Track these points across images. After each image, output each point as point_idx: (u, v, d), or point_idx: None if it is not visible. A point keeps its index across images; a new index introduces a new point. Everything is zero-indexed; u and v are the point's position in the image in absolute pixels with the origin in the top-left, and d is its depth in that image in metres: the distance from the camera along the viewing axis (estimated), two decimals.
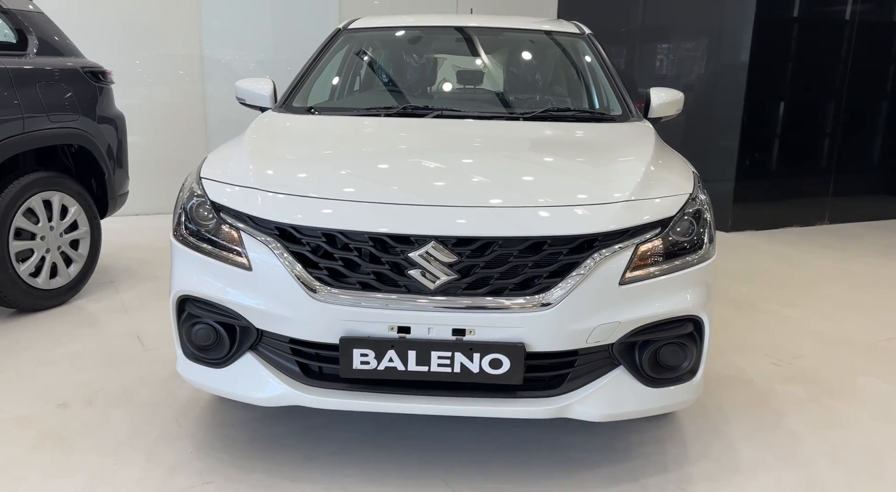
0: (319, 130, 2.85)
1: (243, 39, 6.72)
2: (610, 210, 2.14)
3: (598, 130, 2.93)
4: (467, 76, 3.63)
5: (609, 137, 2.81)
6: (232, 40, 6.68)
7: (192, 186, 2.38)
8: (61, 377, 3.03)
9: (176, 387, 2.94)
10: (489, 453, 2.49)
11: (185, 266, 2.29)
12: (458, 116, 2.95)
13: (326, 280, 2.10)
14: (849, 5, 6.77)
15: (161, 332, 3.57)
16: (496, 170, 2.43)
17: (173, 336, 2.37)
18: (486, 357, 2.07)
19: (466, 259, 2.06)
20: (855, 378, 3.24)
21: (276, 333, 2.18)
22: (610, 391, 2.17)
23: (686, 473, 2.40)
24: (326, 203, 2.15)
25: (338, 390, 2.17)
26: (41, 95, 3.70)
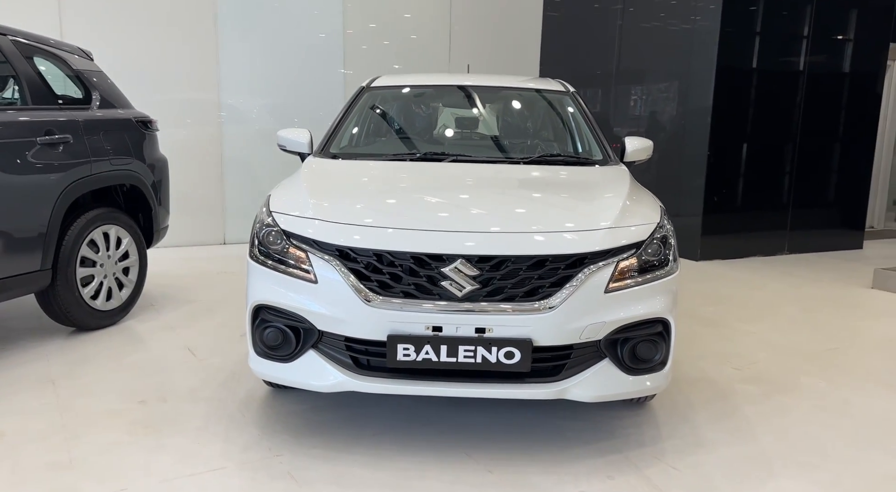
0: (358, 172, 3.47)
1: (257, 86, 7.36)
2: (596, 235, 2.77)
3: (583, 172, 3.58)
4: (472, 127, 4.29)
5: (593, 178, 3.47)
6: (247, 87, 7.32)
7: (263, 218, 2.98)
8: (133, 381, 3.57)
9: (234, 387, 3.50)
10: (499, 432, 3.06)
11: (261, 281, 2.87)
12: (469, 161, 3.60)
13: (376, 290, 2.70)
14: (802, 57, 7.58)
15: (209, 345, 4.12)
16: (506, 203, 3.06)
17: (247, 338, 2.95)
18: (501, 350, 2.66)
19: (486, 273, 2.66)
20: (799, 379, 3.87)
21: (334, 333, 2.76)
22: (598, 378, 2.77)
23: (660, 447, 3.00)
24: (377, 230, 2.77)
25: (384, 377, 2.75)
26: (104, 142, 4.29)
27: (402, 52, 7.95)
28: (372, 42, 7.81)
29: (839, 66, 7.91)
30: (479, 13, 8.26)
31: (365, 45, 7.76)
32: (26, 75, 3.96)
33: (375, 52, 7.83)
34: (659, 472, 2.79)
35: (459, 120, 4.31)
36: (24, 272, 3.80)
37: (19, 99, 3.96)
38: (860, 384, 3.81)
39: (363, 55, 7.77)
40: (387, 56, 7.89)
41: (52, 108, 4.06)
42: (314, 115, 7.64)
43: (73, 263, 4.09)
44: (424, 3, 8.05)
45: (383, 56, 7.88)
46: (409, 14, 7.96)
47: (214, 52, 7.08)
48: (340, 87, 7.69)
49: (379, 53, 7.86)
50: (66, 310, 4.09)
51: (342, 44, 7.63)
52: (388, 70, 7.81)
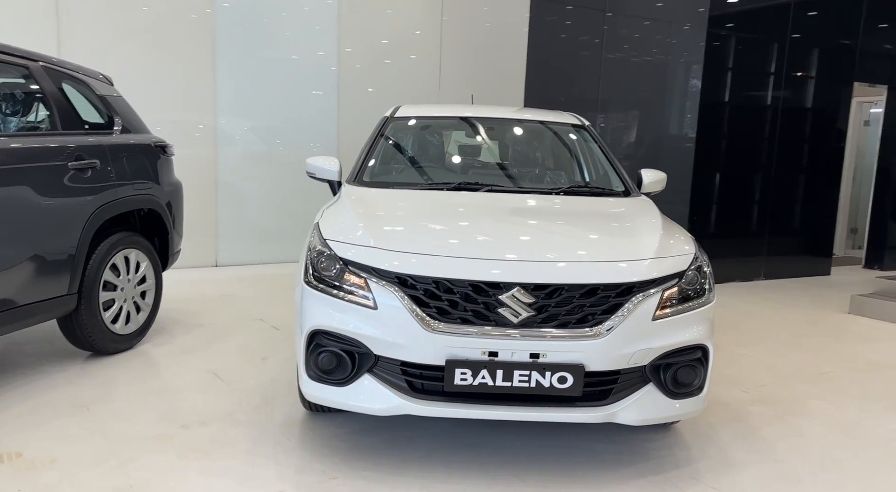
0: (401, 200, 3.57)
1: (253, 108, 7.41)
2: (643, 264, 2.93)
3: (614, 203, 3.76)
4: (498, 158, 4.44)
5: (625, 209, 3.64)
6: (243, 109, 7.36)
7: (317, 246, 3.06)
8: (168, 405, 3.59)
9: (270, 411, 3.54)
10: (542, 456, 3.18)
11: (317, 306, 2.95)
12: (503, 191, 3.74)
13: (435, 316, 2.80)
14: (776, 93, 7.97)
15: (233, 369, 4.15)
16: (553, 233, 3.22)
17: (299, 362, 3.02)
18: (555, 375, 2.78)
19: (541, 300, 2.80)
20: (807, 401, 4.07)
21: (390, 358, 2.85)
22: (644, 402, 2.91)
23: (695, 468, 3.15)
24: (436, 258, 2.88)
25: (441, 401, 2.85)
26: (127, 167, 4.31)
27: (394, 76, 8.08)
28: (366, 65, 7.93)
29: (808, 101, 8.33)
30: (467, 40, 8.45)
31: (359, 65, 7.87)
32: (56, 100, 3.97)
33: (370, 76, 7.95)
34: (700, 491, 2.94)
35: (485, 151, 4.46)
36: (52, 297, 3.80)
37: (49, 124, 3.97)
38: (863, 406, 4.04)
39: (357, 78, 7.87)
40: (380, 80, 8.02)
41: (81, 133, 4.08)
42: (309, 137, 7.72)
43: (97, 287, 4.09)
44: (415, 29, 8.21)
45: (377, 80, 8.00)
46: (401, 39, 8.11)
47: (211, 71, 7.12)
48: (334, 109, 7.76)
49: (371, 76, 7.97)
50: (89, 334, 4.08)
51: (337, 66, 7.73)
52: (382, 95, 7.94)
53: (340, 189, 3.83)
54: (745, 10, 7.85)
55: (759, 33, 7.90)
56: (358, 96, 7.90)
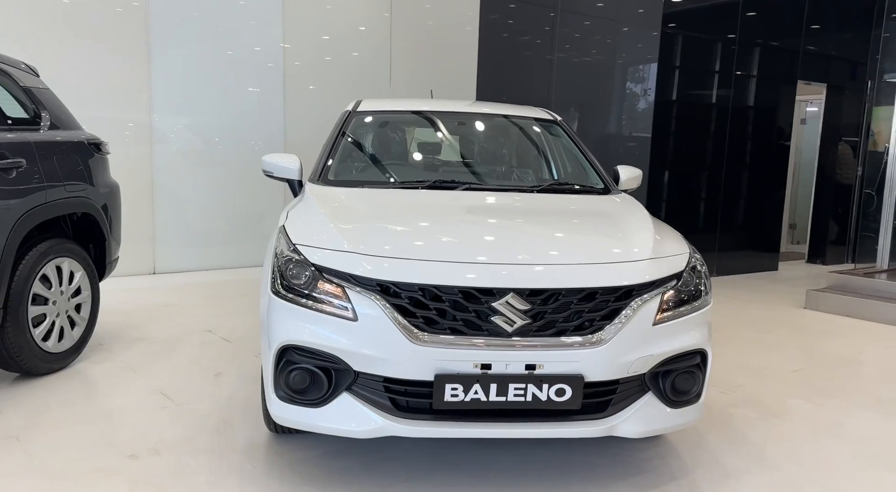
0: (375, 201, 3.28)
1: (191, 105, 6.98)
2: (641, 266, 2.73)
3: (598, 201, 3.56)
4: (470, 154, 4.19)
5: (611, 208, 3.44)
6: (180, 105, 6.92)
7: (285, 252, 2.75)
8: (113, 432, 3.21)
9: (230, 435, 3.21)
10: (533, 472, 2.95)
11: (287, 319, 2.64)
12: (481, 189, 3.50)
13: (422, 327, 2.54)
14: (727, 92, 8.00)
15: (183, 388, 3.78)
16: (543, 234, 2.99)
17: (267, 382, 2.70)
18: (552, 387, 2.56)
19: (537, 307, 2.56)
20: (785, 401, 3.98)
21: (371, 374, 2.57)
22: (644, 412, 2.71)
23: (691, 479, 2.97)
24: (422, 263, 2.61)
25: (429, 420, 2.59)
26: (57, 166, 3.89)
27: (344, 72, 7.76)
28: (311, 60, 7.59)
29: (757, 100, 8.40)
30: (417, 37, 8.20)
31: (303, 62, 7.52)
32: None
33: (315, 71, 7.61)
34: None
35: (456, 147, 4.21)
36: None
37: None
38: (841, 404, 3.96)
39: (302, 73, 7.53)
40: (327, 75, 7.69)
41: (3, 129, 3.65)
42: (251, 136, 7.33)
43: (26, 300, 3.67)
44: (360, 25, 7.91)
45: (325, 76, 7.67)
46: (348, 35, 7.80)
47: (145, 66, 6.66)
48: (279, 106, 7.40)
49: (319, 72, 7.64)
50: (17, 354, 3.65)
51: (282, 61, 7.37)
52: (332, 91, 7.61)
53: (303, 189, 3.52)
54: (696, 8, 7.84)
55: (710, 33, 7.91)
56: (306, 93, 7.57)
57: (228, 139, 7.25)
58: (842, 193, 9.63)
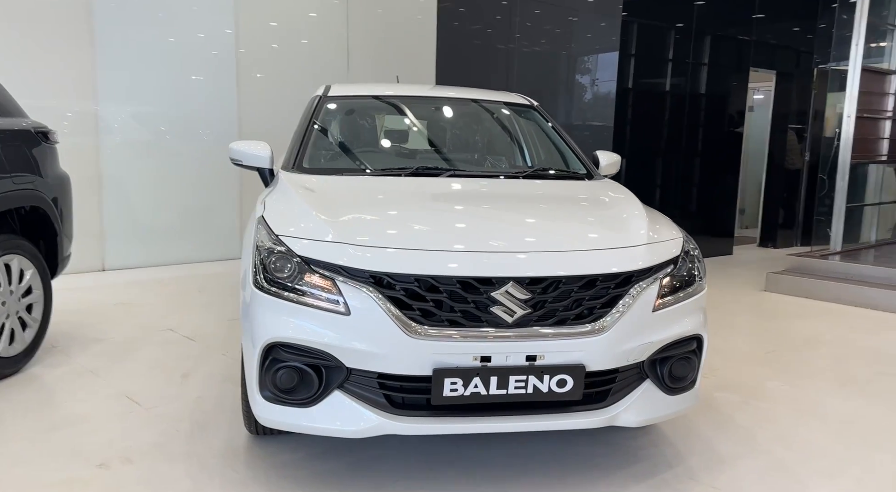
0: (357, 189, 3.12)
1: (140, 94, 6.65)
2: (639, 251, 2.66)
3: (586, 187, 3.48)
4: (448, 139, 4.06)
5: (600, 193, 3.36)
6: (128, 95, 6.59)
7: (267, 244, 2.58)
8: (77, 440, 2.99)
9: (205, 439, 3.03)
10: (530, 465, 2.87)
11: (273, 315, 2.48)
12: (466, 176, 3.38)
13: (419, 320, 2.41)
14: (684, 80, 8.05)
15: (148, 391, 3.57)
16: (540, 221, 2.90)
17: (251, 382, 2.54)
18: (554, 378, 2.47)
19: (538, 296, 2.47)
20: (764, 383, 3.99)
21: (365, 370, 2.44)
22: (643, 401, 2.65)
23: (687, 466, 2.93)
24: (417, 253, 2.48)
25: (428, 416, 2.47)
26: (3, 157, 3.62)
27: (300, 60, 7.52)
28: (265, 46, 7.34)
29: (713, 88, 8.49)
30: (374, 24, 8.01)
31: (254, 49, 7.26)
32: None
33: (267, 59, 7.36)
34: (704, 491, 2.72)
35: (435, 133, 4.07)
36: None
37: None
38: (817, 385, 3.99)
39: (254, 61, 7.27)
40: (281, 63, 7.44)
41: None
42: (203, 125, 7.05)
43: None
44: (311, 12, 7.68)
45: (277, 63, 7.42)
46: (304, 22, 7.56)
47: (89, 53, 6.31)
48: (232, 94, 7.13)
49: (271, 60, 7.39)
50: None
51: (234, 47, 7.09)
52: (287, 78, 7.38)
53: (277, 177, 3.34)
54: None
55: (668, 21, 7.94)
56: (259, 81, 7.31)
57: (178, 129, 6.94)
58: (791, 179, 9.83)
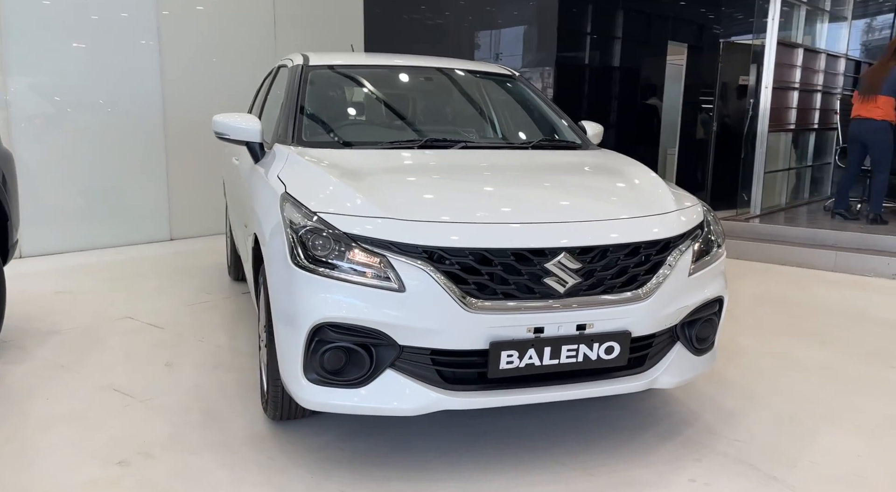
0: (379, 163, 3.01)
1: (53, 67, 6.12)
2: (673, 217, 2.73)
3: (595, 155, 3.52)
4: (445, 110, 3.97)
5: (611, 163, 3.40)
6: (40, 68, 6.05)
7: (302, 221, 2.46)
8: (82, 439, 2.78)
9: (224, 427, 2.89)
10: (561, 433, 2.90)
11: (322, 294, 2.38)
12: (479, 147, 3.35)
13: (474, 293, 2.38)
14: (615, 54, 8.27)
15: (136, 382, 3.36)
16: (573, 191, 2.91)
17: (293, 365, 2.43)
18: (602, 345, 2.50)
19: (587, 265, 2.48)
20: (738, 341, 4.20)
21: (418, 347, 2.39)
22: (677, 363, 2.73)
23: (705, 423, 3.06)
24: (470, 226, 2.44)
25: (482, 390, 2.45)
26: None
27: (223, 30, 7.14)
28: (190, 8, 6.91)
29: (635, 62, 8.77)
30: None
31: (183, 12, 6.83)
32: None
33: (196, 21, 6.94)
34: (727, 445, 2.84)
35: (430, 104, 3.97)
36: None
37: None
38: (782, 340, 4.24)
39: (181, 24, 6.83)
40: (210, 33, 7.05)
41: None
42: (126, 95, 6.55)
43: None
44: None
45: (203, 32, 7.03)
46: None
47: None
48: (155, 60, 6.67)
49: (199, 29, 6.98)
50: None
51: (155, 9, 6.63)
52: (216, 50, 7.01)
53: (276, 152, 3.18)
54: None
55: None
56: (187, 47, 6.88)
57: (95, 102, 6.38)
58: (701, 147, 10.32)
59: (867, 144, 7.06)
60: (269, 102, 4.15)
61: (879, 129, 6.88)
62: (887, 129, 6.85)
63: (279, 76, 4.20)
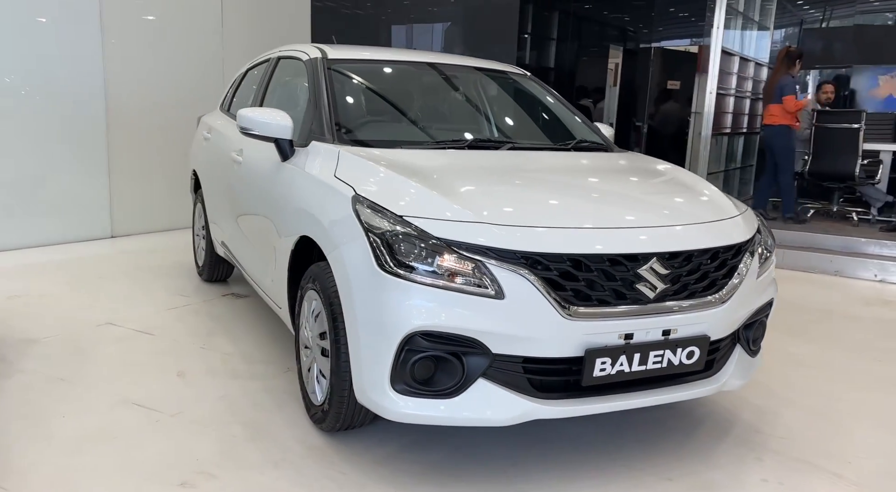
0: (440, 163, 2.90)
1: None
2: (740, 221, 2.78)
3: (637, 158, 3.55)
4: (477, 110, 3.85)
5: (656, 165, 3.42)
6: None
7: (386, 225, 2.34)
8: (126, 460, 2.54)
9: (276, 441, 2.72)
10: (626, 438, 2.90)
11: (414, 300, 2.27)
12: (525, 148, 3.30)
13: (572, 300, 2.34)
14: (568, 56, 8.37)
15: (153, 395, 3.11)
16: (650, 195, 2.91)
17: (381, 375, 2.32)
18: (685, 350, 2.51)
19: (674, 270, 2.48)
20: None
21: (511, 355, 2.32)
22: (739, 365, 2.78)
23: (746, 421, 3.13)
24: (568, 231, 2.39)
25: (575, 398, 2.41)
26: None
27: (169, 14, 6.73)
28: None
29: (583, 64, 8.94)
30: None
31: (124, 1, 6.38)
32: None
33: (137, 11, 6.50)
34: (777, 443, 2.93)
35: (460, 103, 3.85)
36: None
37: None
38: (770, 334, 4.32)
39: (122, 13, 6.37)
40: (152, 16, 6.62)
41: None
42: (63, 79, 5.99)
43: None
44: None
45: (148, 16, 6.60)
46: None
47: None
48: (96, 40, 6.14)
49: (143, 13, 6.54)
50: None
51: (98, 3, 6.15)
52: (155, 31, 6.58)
53: (311, 150, 3.01)
54: None
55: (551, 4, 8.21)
56: (131, 36, 6.44)
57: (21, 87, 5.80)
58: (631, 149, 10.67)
59: (771, 147, 7.48)
60: (272, 96, 3.92)
61: (777, 133, 7.27)
62: (785, 133, 7.21)
63: (280, 69, 3.98)
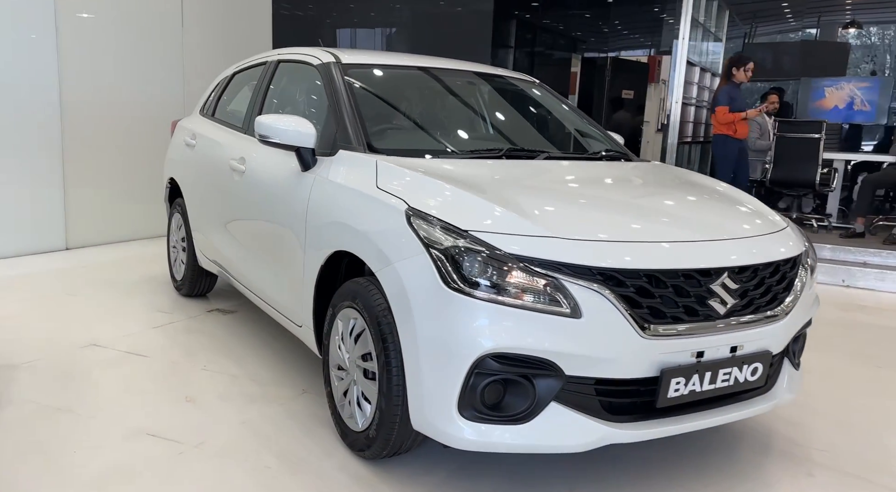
0: (489, 175, 2.76)
1: None
2: (792, 234, 2.74)
3: (667, 169, 3.49)
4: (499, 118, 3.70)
5: (690, 176, 3.37)
6: None
7: (447, 240, 2.20)
8: None
9: (318, 473, 2.53)
10: (673, 454, 2.82)
11: (484, 320, 2.13)
12: (559, 158, 3.21)
13: (649, 318, 2.23)
14: None
15: (166, 424, 2.87)
16: (704, 207, 2.82)
17: (447, 399, 2.17)
18: (749, 367, 2.45)
19: (742, 284, 2.41)
20: None
21: (584, 377, 2.20)
22: (789, 378, 2.74)
23: (782, 434, 3.10)
24: (643, 246, 2.29)
25: (649, 420, 2.31)
26: None
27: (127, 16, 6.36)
28: None
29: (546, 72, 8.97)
30: None
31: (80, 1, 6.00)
32: None
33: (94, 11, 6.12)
34: (821, 457, 2.90)
35: (481, 111, 3.69)
36: None
37: None
38: None
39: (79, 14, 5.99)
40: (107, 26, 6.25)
41: None
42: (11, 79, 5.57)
43: None
44: None
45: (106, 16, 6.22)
46: None
47: None
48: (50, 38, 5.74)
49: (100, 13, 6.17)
50: None
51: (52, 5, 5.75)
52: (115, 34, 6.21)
53: (339, 159, 2.83)
54: None
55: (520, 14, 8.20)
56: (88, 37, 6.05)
57: None
58: None
59: (712, 156, 7.65)
60: (274, 101, 3.70)
61: (717, 142, 7.39)
62: (721, 142, 7.28)
63: (281, 73, 3.77)
